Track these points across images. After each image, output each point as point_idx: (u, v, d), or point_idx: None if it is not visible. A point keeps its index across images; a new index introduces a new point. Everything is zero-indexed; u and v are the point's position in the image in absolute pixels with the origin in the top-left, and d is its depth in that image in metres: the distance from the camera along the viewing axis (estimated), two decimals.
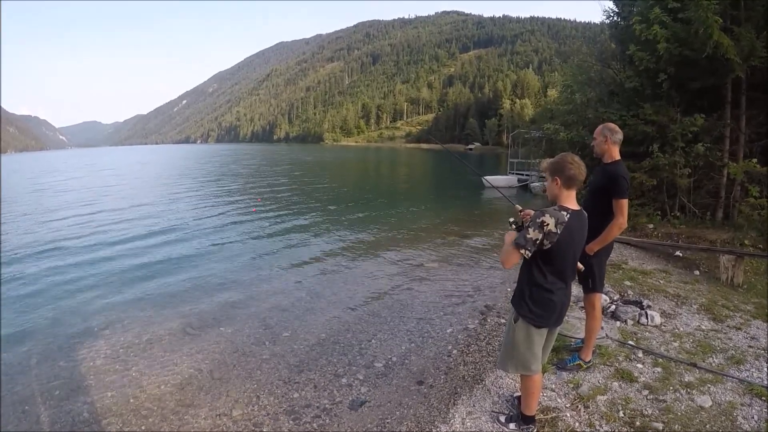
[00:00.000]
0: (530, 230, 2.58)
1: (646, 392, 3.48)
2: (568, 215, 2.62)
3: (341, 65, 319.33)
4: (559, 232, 2.57)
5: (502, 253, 2.76)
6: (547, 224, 2.56)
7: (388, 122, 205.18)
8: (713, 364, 3.90)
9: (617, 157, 3.71)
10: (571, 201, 2.72)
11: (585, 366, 3.86)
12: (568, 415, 3.26)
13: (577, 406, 3.35)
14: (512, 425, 3.15)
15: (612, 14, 13.38)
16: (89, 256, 9.72)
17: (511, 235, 2.81)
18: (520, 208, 3.21)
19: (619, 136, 3.71)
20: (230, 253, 9.89)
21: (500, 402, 3.53)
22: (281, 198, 20.24)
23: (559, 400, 3.47)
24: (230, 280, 7.96)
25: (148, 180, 31.18)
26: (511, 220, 3.01)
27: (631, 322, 4.89)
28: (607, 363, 3.95)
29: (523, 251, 2.61)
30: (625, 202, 3.55)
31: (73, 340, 5.53)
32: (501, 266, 3.19)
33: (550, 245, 2.60)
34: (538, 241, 2.58)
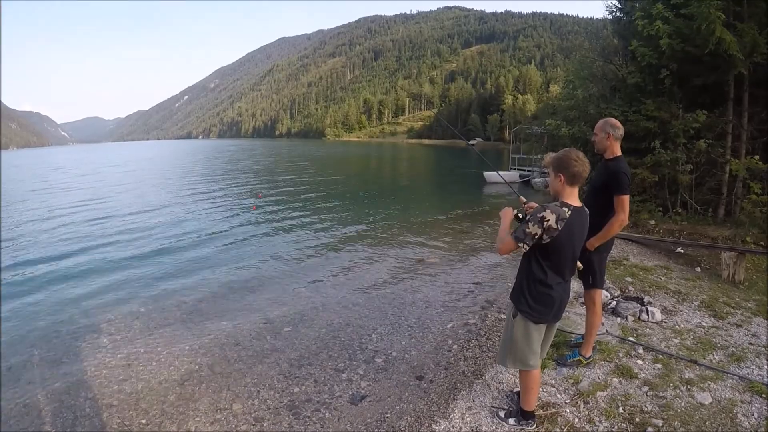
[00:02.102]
0: (530, 225, 2.59)
1: (646, 389, 3.48)
2: (570, 212, 2.61)
3: (343, 61, 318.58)
4: (559, 228, 2.57)
5: (499, 239, 2.77)
6: (548, 219, 2.55)
7: (390, 118, 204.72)
8: (714, 361, 3.90)
9: (618, 152, 3.69)
10: (573, 197, 2.72)
11: (585, 362, 3.86)
12: (568, 410, 3.26)
13: (577, 402, 3.35)
14: (512, 420, 3.15)
15: (614, 10, 13.34)
16: (92, 253, 9.75)
17: (507, 213, 2.83)
18: (525, 200, 3.21)
19: (621, 131, 3.68)
20: (232, 248, 9.91)
21: (500, 397, 3.54)
22: (284, 193, 20.25)
23: (558, 395, 3.48)
24: (232, 275, 7.97)
25: (156, 178, 31.10)
26: (515, 211, 3.02)
27: (632, 319, 4.89)
28: (608, 359, 3.95)
29: (521, 245, 2.62)
30: (626, 198, 3.52)
31: (74, 335, 5.55)
32: (497, 252, 3.17)
33: (549, 240, 2.60)
34: (537, 236, 2.58)
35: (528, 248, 2.63)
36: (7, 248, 10.21)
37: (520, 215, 3.01)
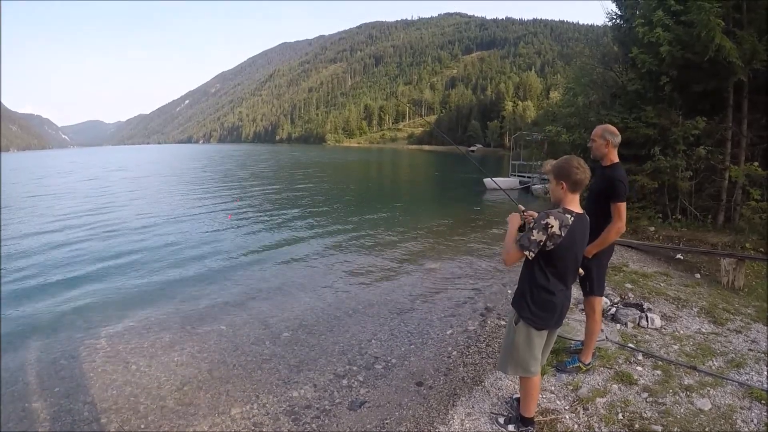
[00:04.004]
0: (534, 232, 2.59)
1: (645, 395, 3.47)
2: (572, 218, 2.62)
3: (344, 66, 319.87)
4: (563, 234, 2.58)
5: (505, 249, 2.77)
6: (552, 226, 2.56)
7: (391, 123, 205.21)
8: (713, 368, 3.89)
9: (616, 160, 3.68)
10: (575, 204, 2.72)
11: (584, 368, 3.86)
12: (567, 417, 3.26)
13: (576, 409, 3.35)
14: (511, 427, 3.15)
15: (614, 17, 13.38)
16: (92, 257, 9.73)
17: (515, 219, 2.84)
18: (523, 208, 3.21)
19: (619, 139, 3.68)
20: (231, 253, 9.89)
21: (499, 403, 3.53)
22: (283, 198, 20.28)
23: (558, 402, 3.47)
24: (230, 280, 7.96)
25: (162, 183, 31.06)
26: None
27: (632, 325, 4.88)
28: (607, 365, 3.95)
29: (527, 252, 2.61)
30: (623, 205, 3.51)
31: (73, 339, 5.54)
32: (503, 263, 3.17)
33: (552, 247, 2.60)
34: (541, 243, 2.58)
35: (533, 255, 2.63)
36: (7, 250, 10.20)
37: (519, 222, 3.01)
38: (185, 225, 13.38)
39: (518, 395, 3.29)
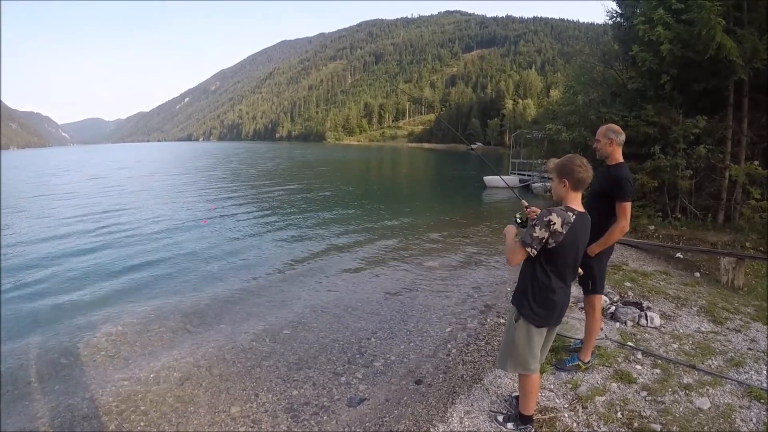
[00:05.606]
0: (536, 229, 2.59)
1: (644, 393, 3.47)
2: (574, 216, 2.63)
3: (344, 64, 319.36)
4: (565, 232, 2.58)
5: (507, 250, 2.78)
6: (554, 223, 2.56)
7: (391, 121, 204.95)
8: (712, 367, 3.89)
9: (620, 159, 3.68)
10: (577, 202, 2.73)
11: (584, 367, 3.86)
12: (566, 415, 3.26)
13: (576, 407, 3.35)
14: (510, 425, 3.15)
15: (615, 15, 13.37)
16: (92, 257, 9.72)
17: (510, 230, 2.85)
18: (527, 204, 3.20)
19: (623, 137, 3.68)
20: (231, 252, 9.90)
21: (498, 402, 3.53)
22: (281, 198, 20.28)
23: (557, 400, 3.47)
24: (230, 279, 7.96)
25: (164, 182, 31.07)
26: (518, 215, 3.03)
27: (631, 324, 4.88)
28: (606, 364, 3.95)
29: (529, 249, 2.62)
30: (628, 205, 3.51)
31: (73, 336, 5.53)
32: (507, 264, 3.18)
33: (554, 244, 2.60)
34: (543, 240, 2.59)
35: (536, 252, 2.63)
36: (8, 250, 10.20)
37: (521, 219, 3.02)
38: (185, 225, 13.39)
39: (517, 393, 3.29)
